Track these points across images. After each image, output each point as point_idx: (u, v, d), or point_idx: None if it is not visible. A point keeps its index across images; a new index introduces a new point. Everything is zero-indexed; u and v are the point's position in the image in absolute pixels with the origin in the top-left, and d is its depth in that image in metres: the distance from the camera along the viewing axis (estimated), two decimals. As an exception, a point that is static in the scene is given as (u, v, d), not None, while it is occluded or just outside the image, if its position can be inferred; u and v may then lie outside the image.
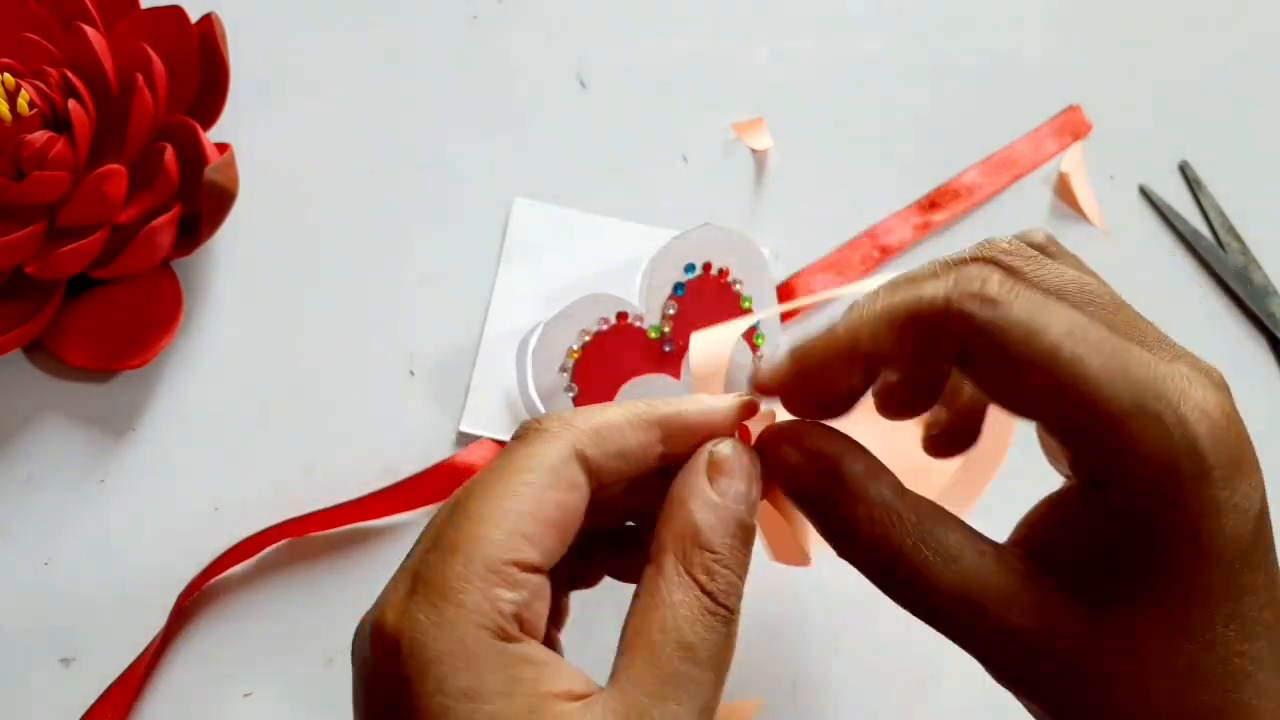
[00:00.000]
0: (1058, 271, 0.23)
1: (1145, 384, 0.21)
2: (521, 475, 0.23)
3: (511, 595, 0.22)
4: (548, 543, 0.23)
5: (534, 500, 0.23)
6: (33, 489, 0.41)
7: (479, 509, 0.23)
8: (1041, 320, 0.21)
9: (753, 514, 0.24)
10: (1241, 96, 0.52)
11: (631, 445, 0.25)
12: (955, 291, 0.22)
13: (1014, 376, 0.22)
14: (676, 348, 0.42)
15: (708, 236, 0.42)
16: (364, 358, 0.43)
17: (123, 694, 0.38)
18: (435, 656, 0.21)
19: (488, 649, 0.21)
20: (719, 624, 0.23)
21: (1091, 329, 0.22)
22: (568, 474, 0.23)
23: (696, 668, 0.22)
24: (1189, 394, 0.21)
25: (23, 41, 0.40)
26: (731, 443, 0.25)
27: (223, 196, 0.41)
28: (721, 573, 0.23)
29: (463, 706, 0.20)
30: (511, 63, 0.48)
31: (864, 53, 0.50)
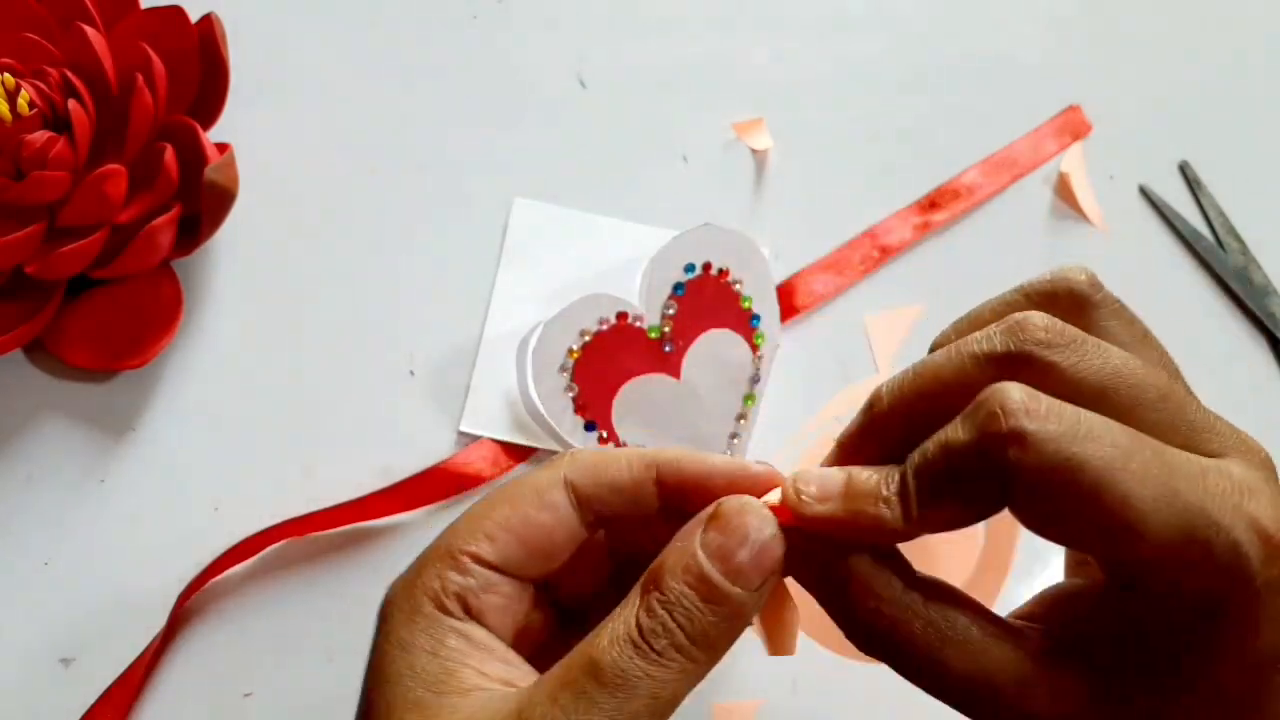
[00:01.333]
0: (1099, 359, 0.22)
1: (1194, 510, 0.20)
2: (510, 491, 0.26)
3: (457, 578, 0.25)
4: (507, 547, 0.26)
5: (507, 510, 0.26)
6: (33, 489, 0.41)
7: (470, 511, 0.26)
8: (1079, 455, 0.20)
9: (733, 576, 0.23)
10: (1241, 96, 0.52)
11: (624, 480, 0.26)
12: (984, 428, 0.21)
13: (1053, 513, 0.21)
14: (676, 348, 0.42)
15: (708, 236, 0.42)
16: (364, 358, 0.43)
17: (123, 694, 0.38)
18: (391, 612, 0.25)
19: (427, 614, 0.25)
20: (637, 657, 0.22)
21: (1134, 453, 0.20)
22: (547, 495, 0.26)
23: (596, 687, 0.22)
24: (1242, 509, 0.20)
25: (23, 41, 0.40)
26: (743, 502, 0.24)
27: (223, 196, 0.41)
28: (660, 613, 0.23)
29: (396, 653, 0.24)
30: (511, 63, 0.48)
31: (864, 53, 0.50)
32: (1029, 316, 0.22)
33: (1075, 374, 0.22)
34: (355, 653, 0.39)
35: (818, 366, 0.45)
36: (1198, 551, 0.20)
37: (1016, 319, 0.22)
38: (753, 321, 0.43)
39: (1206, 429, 0.22)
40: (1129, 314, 0.25)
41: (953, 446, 0.21)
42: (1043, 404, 0.20)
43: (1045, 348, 0.22)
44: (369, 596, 0.26)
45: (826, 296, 0.46)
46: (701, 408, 0.42)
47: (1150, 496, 0.20)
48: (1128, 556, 0.21)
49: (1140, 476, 0.20)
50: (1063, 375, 0.22)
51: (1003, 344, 0.22)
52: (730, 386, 0.42)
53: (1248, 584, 0.20)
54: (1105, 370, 0.22)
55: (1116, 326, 0.24)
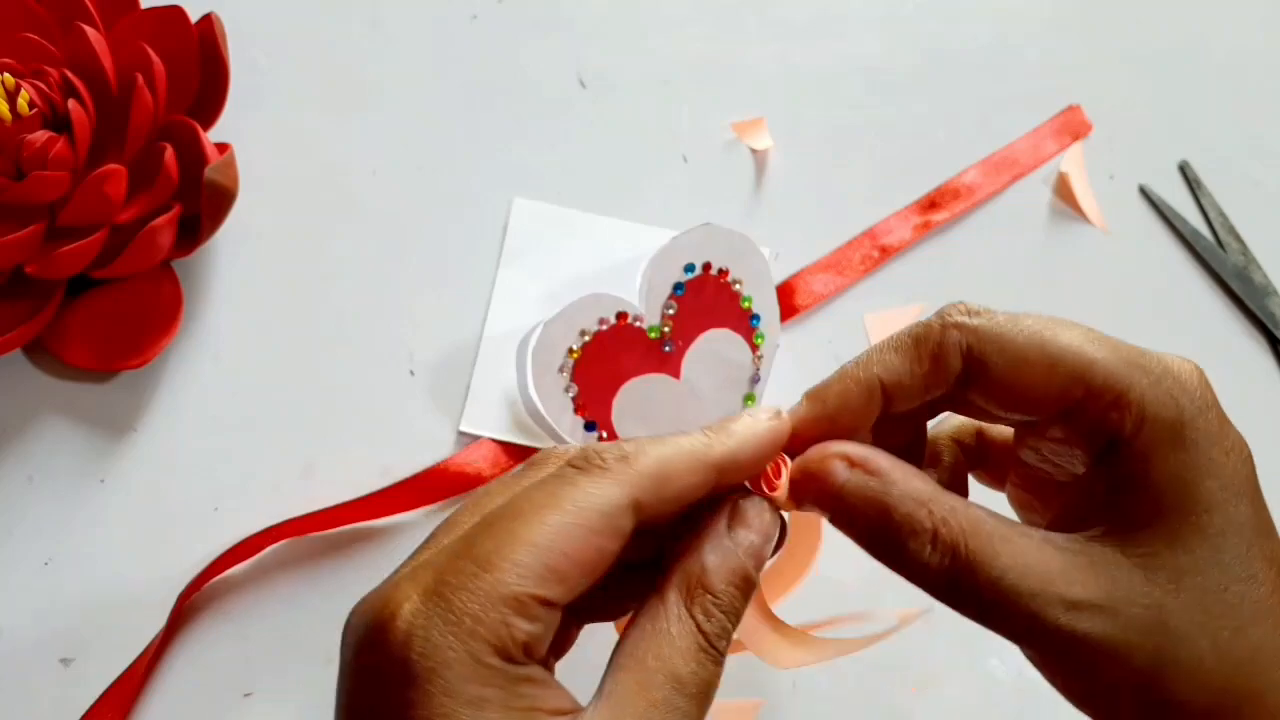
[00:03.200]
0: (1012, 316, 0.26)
1: (1133, 354, 0.25)
2: (571, 512, 0.23)
3: (528, 627, 0.22)
4: (574, 582, 0.23)
5: (578, 541, 0.23)
6: (33, 489, 0.41)
7: (524, 533, 0.22)
8: (1023, 320, 0.25)
9: (759, 569, 0.25)
10: (1241, 96, 0.52)
11: (688, 489, 0.25)
12: (943, 314, 0.26)
13: (1013, 370, 0.25)
14: (676, 348, 0.42)
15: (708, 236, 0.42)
16: (364, 358, 0.43)
17: (123, 694, 0.38)
18: (446, 661, 0.21)
19: (498, 665, 0.22)
20: (709, 662, 0.24)
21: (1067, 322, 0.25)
22: (618, 522, 0.23)
23: (683, 699, 0.23)
24: (1169, 359, 0.25)
25: (23, 41, 0.40)
26: (758, 501, 0.26)
27: (223, 196, 0.41)
28: (718, 616, 0.24)
29: (467, 712, 0.21)
30: (511, 63, 0.48)
31: (864, 53, 0.50)
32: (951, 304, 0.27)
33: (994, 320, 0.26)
34: (355, 653, 0.40)
35: (818, 366, 0.45)
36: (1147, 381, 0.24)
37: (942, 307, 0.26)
38: (753, 321, 0.43)
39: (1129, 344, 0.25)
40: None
41: (919, 321, 0.26)
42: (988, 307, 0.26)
43: (968, 315, 0.26)
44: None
45: (826, 296, 0.46)
46: (701, 408, 0.42)
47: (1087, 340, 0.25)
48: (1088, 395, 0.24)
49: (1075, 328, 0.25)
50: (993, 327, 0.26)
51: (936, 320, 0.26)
52: (730, 386, 0.42)
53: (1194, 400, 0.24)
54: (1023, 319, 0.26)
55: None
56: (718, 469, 0.25)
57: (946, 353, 0.25)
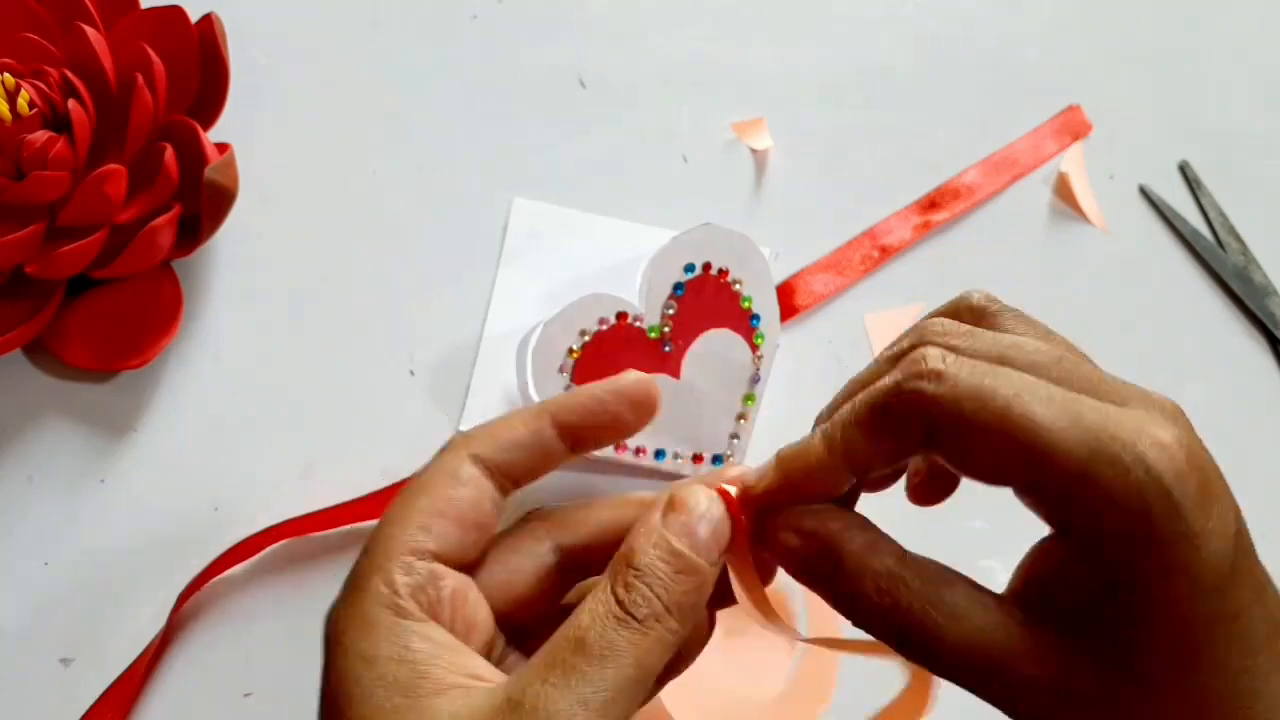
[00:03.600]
0: (992, 340, 0.24)
1: (1099, 429, 0.21)
2: (419, 482, 0.27)
3: (404, 577, 0.25)
4: (443, 531, 0.26)
5: (427, 495, 0.27)
6: (33, 489, 0.41)
7: (388, 517, 0.27)
8: (989, 385, 0.22)
9: (699, 551, 0.25)
10: (1241, 96, 0.52)
11: (522, 436, 0.28)
12: (902, 375, 0.23)
13: (973, 444, 0.23)
14: (676, 348, 0.42)
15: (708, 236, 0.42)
16: (364, 358, 0.43)
17: (123, 694, 0.38)
18: (344, 629, 0.25)
19: (386, 623, 0.25)
20: (621, 628, 0.24)
21: (1038, 386, 0.22)
22: (461, 473, 0.27)
23: (584, 660, 0.23)
24: (1144, 431, 0.21)
25: (23, 41, 0.40)
26: (693, 488, 0.26)
27: (223, 196, 0.41)
28: (638, 586, 0.24)
29: (360, 668, 0.24)
30: (511, 63, 0.48)
31: (864, 52, 0.50)
32: (928, 320, 0.25)
33: (974, 352, 0.24)
34: (355, 653, 0.40)
35: (818, 366, 0.45)
36: (1109, 470, 0.21)
37: (917, 323, 0.25)
38: (753, 321, 0.43)
39: (1108, 386, 0.23)
40: (1030, 317, 0.26)
41: (879, 388, 0.24)
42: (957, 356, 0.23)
43: (944, 336, 0.24)
44: (369, 596, 0.26)
45: (826, 296, 0.46)
46: (701, 408, 0.42)
47: (1054, 417, 0.22)
48: (1045, 478, 0.22)
49: (1045, 401, 0.22)
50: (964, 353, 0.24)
51: (909, 342, 0.25)
52: (730, 386, 0.42)
53: (1165, 497, 0.21)
54: (1003, 342, 0.24)
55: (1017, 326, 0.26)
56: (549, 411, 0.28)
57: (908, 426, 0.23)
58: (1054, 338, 0.26)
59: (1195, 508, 0.21)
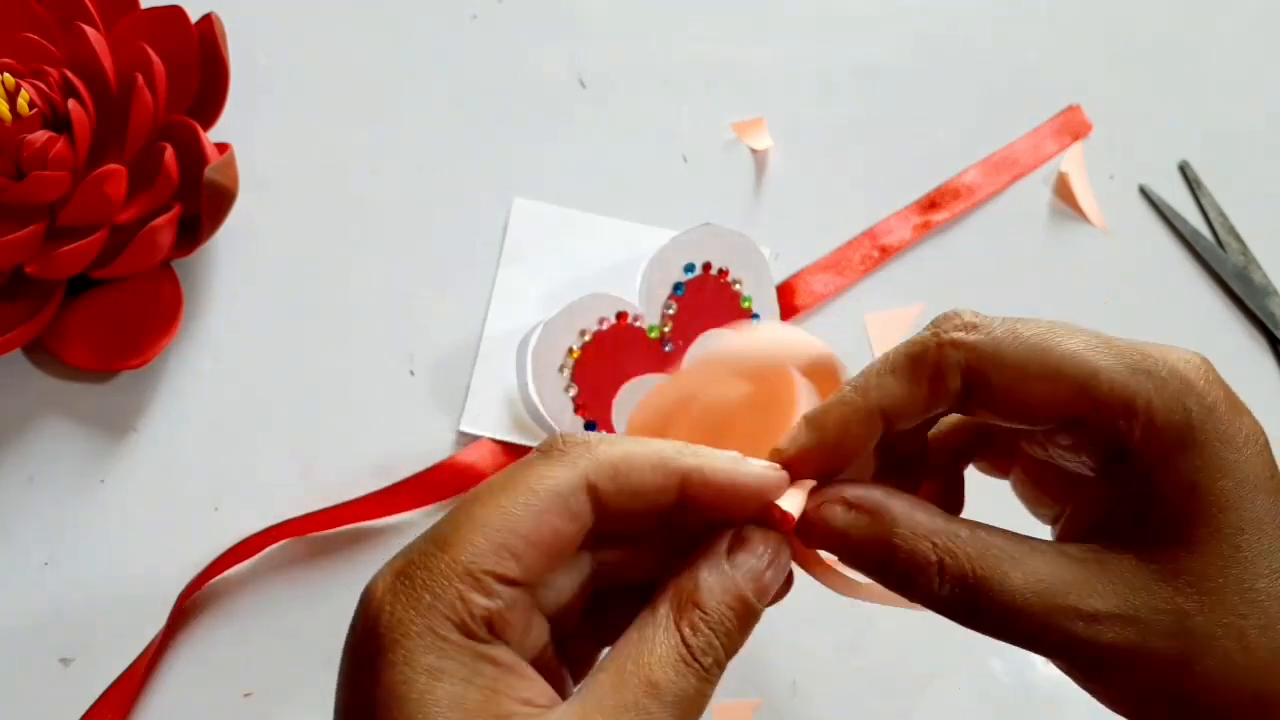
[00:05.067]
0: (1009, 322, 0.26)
1: (1132, 351, 0.24)
2: (526, 494, 0.24)
3: (484, 601, 0.23)
4: (532, 562, 0.24)
5: (531, 521, 0.24)
6: (33, 489, 0.41)
7: (479, 515, 0.24)
8: (1023, 329, 0.25)
9: (760, 596, 0.25)
10: (1241, 96, 0.52)
11: (648, 487, 0.25)
12: (938, 329, 0.25)
13: (1013, 383, 0.24)
14: (676, 347, 0.42)
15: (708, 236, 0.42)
16: (364, 358, 0.43)
17: (123, 694, 0.38)
18: (407, 633, 0.23)
19: (456, 641, 0.23)
20: (690, 675, 0.23)
21: (1067, 327, 0.25)
22: (573, 503, 0.24)
23: (657, 705, 0.23)
24: (1172, 351, 0.24)
25: (23, 41, 0.40)
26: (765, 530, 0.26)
27: (223, 196, 0.41)
28: (705, 632, 0.24)
29: (423, 680, 0.22)
30: (511, 63, 0.48)
31: (864, 53, 0.50)
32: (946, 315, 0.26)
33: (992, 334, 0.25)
34: (355, 653, 0.40)
35: (818, 366, 0.45)
36: (1150, 384, 0.24)
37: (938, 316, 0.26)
38: (753, 321, 0.43)
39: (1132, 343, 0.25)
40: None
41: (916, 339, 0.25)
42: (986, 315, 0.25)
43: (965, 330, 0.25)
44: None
45: (826, 296, 0.46)
46: (701, 408, 0.42)
47: (1090, 346, 0.24)
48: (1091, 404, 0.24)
49: (1077, 336, 0.25)
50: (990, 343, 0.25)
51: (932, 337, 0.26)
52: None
53: (1201, 400, 0.24)
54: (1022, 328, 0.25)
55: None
56: (681, 475, 0.25)
57: (945, 373, 0.25)
58: None
59: (1228, 412, 0.24)
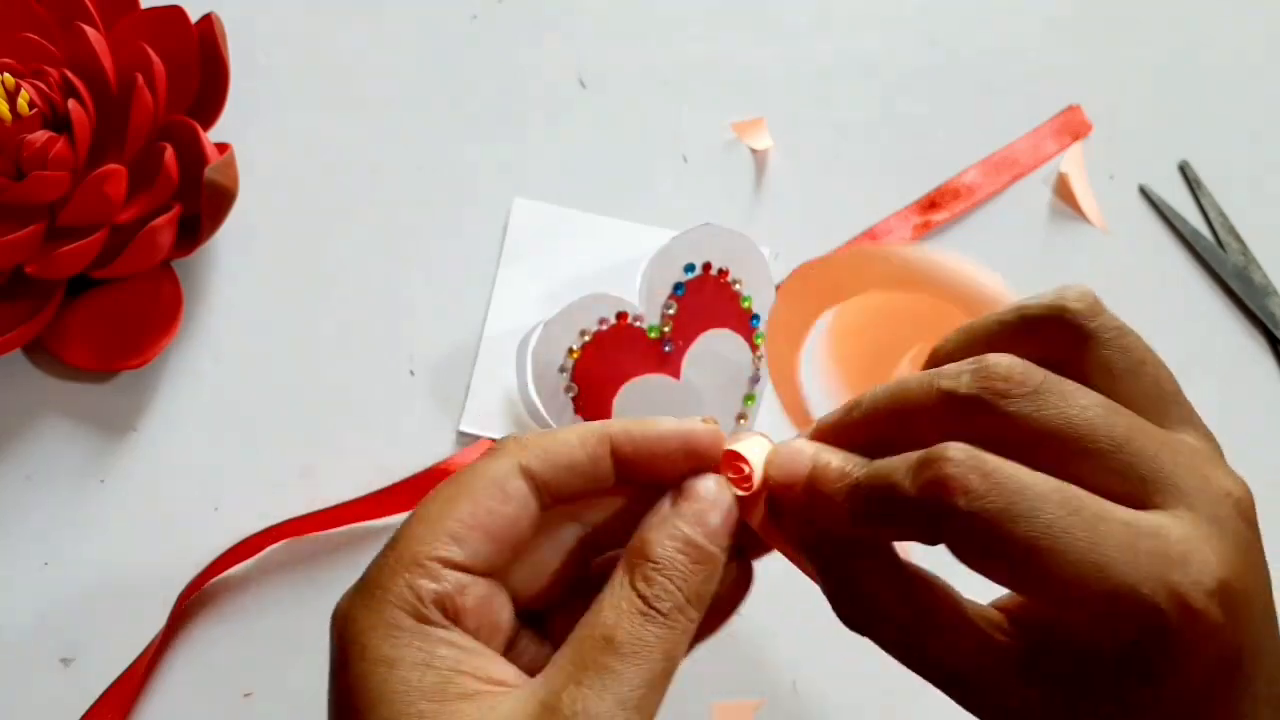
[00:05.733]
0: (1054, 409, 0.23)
1: (1119, 583, 0.21)
2: (463, 485, 0.26)
3: (430, 585, 0.24)
4: (476, 545, 0.25)
5: (469, 507, 0.25)
6: (33, 489, 0.41)
7: (421, 513, 0.26)
8: (1009, 531, 0.21)
9: (713, 539, 0.25)
10: (1241, 96, 0.52)
11: (580, 458, 0.26)
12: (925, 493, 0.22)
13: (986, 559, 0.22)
14: (676, 348, 0.42)
15: (708, 236, 0.42)
16: (364, 358, 0.43)
17: (123, 694, 0.38)
18: (361, 630, 0.24)
19: (408, 627, 0.24)
20: (648, 623, 0.24)
21: (1067, 528, 0.21)
22: (508, 486, 0.26)
23: (617, 659, 0.23)
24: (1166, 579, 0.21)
25: (23, 41, 0.40)
26: (704, 477, 0.26)
27: (223, 196, 0.41)
28: (659, 580, 0.24)
29: (380, 671, 0.23)
30: (511, 63, 0.48)
31: (864, 53, 0.50)
32: (996, 364, 0.23)
33: (1029, 423, 0.23)
34: (355, 653, 0.40)
35: (818, 366, 0.45)
36: (1116, 619, 0.22)
37: (986, 363, 0.23)
38: (753, 321, 0.43)
39: (1159, 478, 0.23)
40: (1128, 339, 0.25)
41: (897, 493, 0.23)
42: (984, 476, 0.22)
43: (1003, 398, 0.23)
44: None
45: (826, 296, 0.46)
46: (701, 408, 0.42)
47: (1077, 571, 0.21)
48: (1053, 613, 0.23)
49: (1068, 549, 0.21)
50: (1016, 424, 0.23)
51: (966, 386, 0.23)
52: (730, 386, 0.42)
53: (1164, 647, 0.21)
54: (1058, 420, 0.23)
55: (1110, 356, 0.25)
56: (609, 441, 0.27)
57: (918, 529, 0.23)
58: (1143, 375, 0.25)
59: (1190, 650, 0.22)
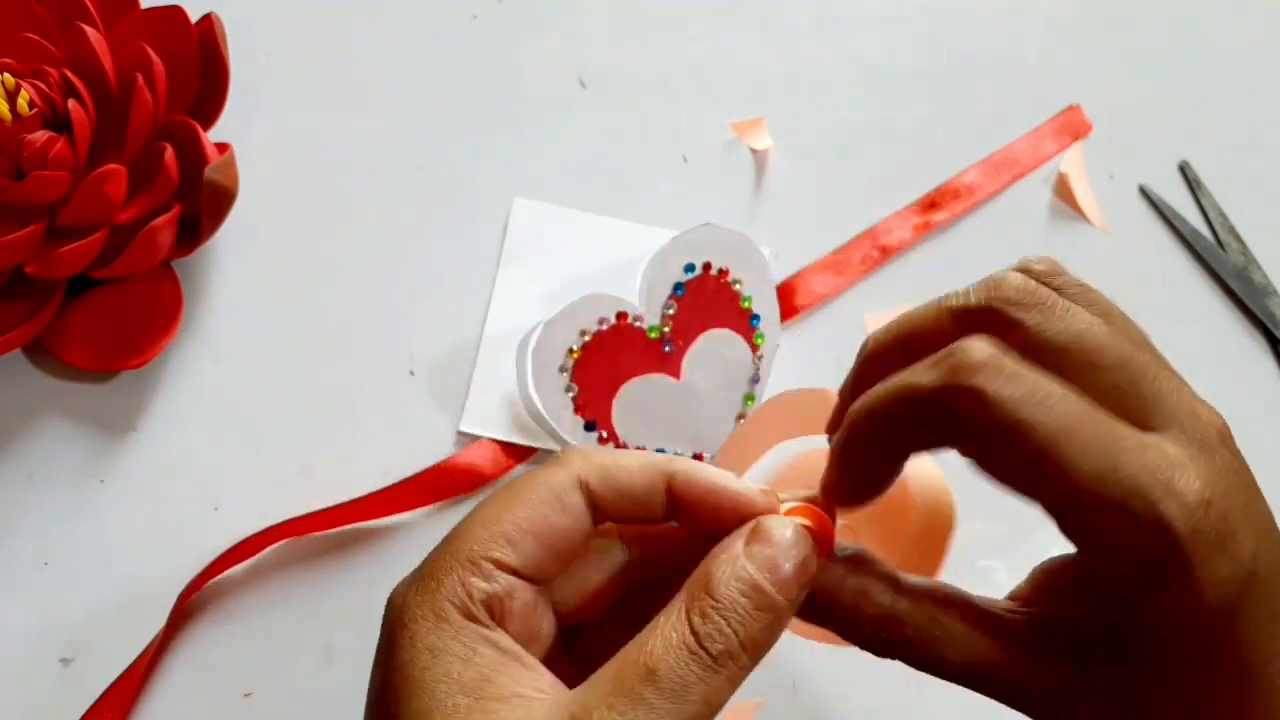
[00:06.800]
0: (1063, 323, 0.24)
1: (1129, 483, 0.22)
2: (523, 491, 0.26)
3: (482, 584, 0.25)
4: (529, 551, 0.25)
5: (526, 513, 0.25)
6: (33, 489, 0.41)
7: (481, 512, 0.26)
8: (1029, 419, 0.22)
9: (781, 589, 0.24)
10: (1241, 96, 0.52)
11: (637, 486, 0.26)
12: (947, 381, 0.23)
13: (1004, 462, 0.23)
14: (676, 348, 0.42)
15: (708, 236, 0.42)
16: (364, 358, 0.43)
17: (123, 694, 0.38)
18: (413, 618, 0.24)
19: (456, 622, 0.24)
20: (694, 663, 0.23)
21: (1083, 425, 0.22)
22: (566, 497, 0.26)
23: (655, 694, 0.22)
24: (1171, 485, 0.22)
25: (23, 41, 0.40)
26: (783, 520, 0.25)
27: (223, 196, 0.41)
28: (716, 619, 0.23)
29: (424, 659, 0.24)
30: (511, 62, 0.48)
31: (864, 53, 0.50)
32: (1006, 276, 0.24)
33: (1040, 333, 0.23)
34: (355, 653, 0.40)
35: (818, 366, 0.45)
36: (1127, 521, 0.22)
37: (994, 277, 0.24)
38: (753, 321, 0.43)
39: (1158, 400, 0.24)
40: (1094, 294, 0.26)
41: (916, 388, 0.23)
42: (1005, 367, 0.22)
43: (1015, 306, 0.24)
44: (369, 597, 0.26)
45: (826, 296, 0.46)
46: (701, 408, 0.42)
47: (1090, 466, 0.22)
48: (1072, 517, 0.23)
49: (1083, 446, 0.22)
50: (1028, 333, 0.23)
51: (977, 299, 0.24)
52: (730, 386, 0.42)
53: (1176, 551, 0.22)
54: (1069, 333, 0.24)
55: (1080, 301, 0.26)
56: (667, 476, 0.26)
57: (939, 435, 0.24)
58: (1113, 318, 0.26)
59: (1205, 560, 0.22)
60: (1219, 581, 0.22)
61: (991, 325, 0.24)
